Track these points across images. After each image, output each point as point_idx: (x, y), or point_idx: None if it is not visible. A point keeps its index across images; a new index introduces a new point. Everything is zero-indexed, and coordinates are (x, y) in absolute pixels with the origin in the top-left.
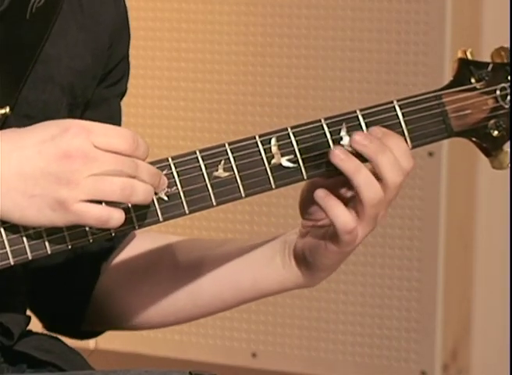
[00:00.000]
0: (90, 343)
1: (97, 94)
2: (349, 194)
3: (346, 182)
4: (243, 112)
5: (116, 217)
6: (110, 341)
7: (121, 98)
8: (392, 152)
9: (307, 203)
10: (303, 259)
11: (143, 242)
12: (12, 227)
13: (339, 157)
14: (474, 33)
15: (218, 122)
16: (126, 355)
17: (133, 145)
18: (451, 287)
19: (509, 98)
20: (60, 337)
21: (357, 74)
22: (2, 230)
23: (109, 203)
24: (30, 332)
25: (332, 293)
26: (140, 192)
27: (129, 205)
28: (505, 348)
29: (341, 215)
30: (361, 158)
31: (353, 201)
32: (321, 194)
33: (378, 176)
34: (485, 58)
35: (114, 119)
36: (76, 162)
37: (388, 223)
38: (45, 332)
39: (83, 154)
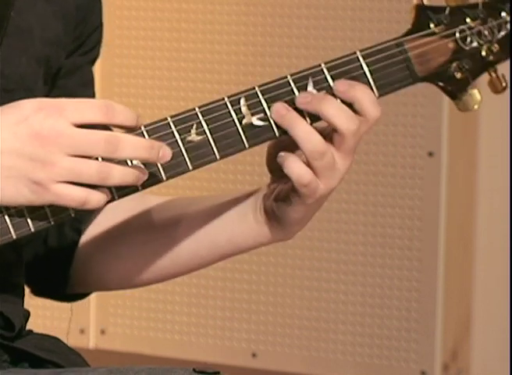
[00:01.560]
0: (91, 343)
1: (71, 62)
2: None
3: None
4: None
5: (95, 199)
6: (110, 341)
7: (93, 64)
8: (358, 101)
9: (273, 160)
10: (273, 214)
11: (120, 204)
12: None
13: (278, 113)
14: None
15: None
16: (126, 355)
17: (108, 113)
18: (451, 287)
19: (469, 39)
20: (58, 336)
21: None
22: None
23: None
24: (31, 332)
25: (332, 293)
26: (117, 175)
27: None
28: (505, 348)
29: (295, 169)
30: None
31: None
32: (281, 153)
33: (332, 126)
34: None
35: (87, 86)
36: (50, 142)
37: (388, 223)
38: (44, 331)
39: (56, 133)
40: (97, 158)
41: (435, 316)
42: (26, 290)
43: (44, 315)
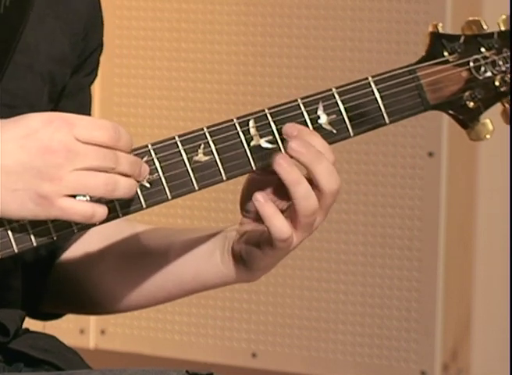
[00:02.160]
0: (90, 343)
1: (75, 82)
2: (287, 197)
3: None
4: (243, 112)
5: (100, 212)
6: (110, 341)
7: (91, 85)
8: (329, 159)
9: (247, 200)
10: (240, 258)
11: (98, 229)
12: None
13: (283, 166)
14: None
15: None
16: (125, 355)
17: (114, 137)
18: (451, 287)
19: (482, 69)
20: (58, 336)
21: (357, 74)
22: None
23: (92, 197)
24: (27, 330)
25: (332, 293)
26: (123, 187)
27: None
28: (505, 348)
29: (277, 223)
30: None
31: (289, 209)
32: (260, 198)
33: (314, 184)
34: None
35: (86, 108)
36: (58, 157)
37: (388, 223)
38: (43, 331)
39: (65, 148)
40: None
41: (435, 316)
42: None
43: None
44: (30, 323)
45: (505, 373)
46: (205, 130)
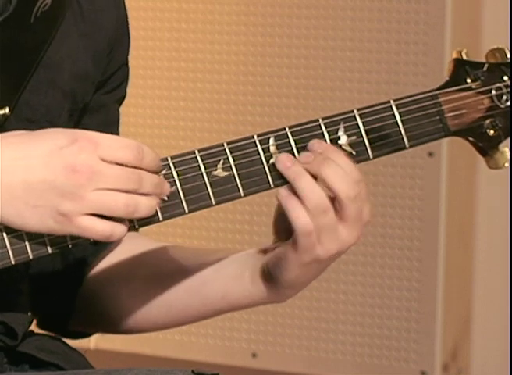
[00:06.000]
0: (91, 343)
1: (96, 99)
2: None
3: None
4: (243, 112)
5: (119, 232)
6: (110, 341)
7: (120, 104)
8: (338, 164)
9: (280, 222)
10: (268, 275)
11: (125, 247)
12: None
13: (284, 164)
14: (474, 34)
15: (218, 122)
16: (126, 355)
17: (138, 157)
18: (451, 287)
19: (504, 97)
20: (62, 337)
21: (357, 74)
22: None
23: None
24: (33, 333)
25: (332, 293)
26: (143, 208)
27: None
28: (505, 348)
29: (301, 216)
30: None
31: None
32: (284, 193)
33: (331, 192)
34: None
35: (111, 125)
36: (82, 177)
37: (388, 223)
38: (47, 333)
39: (89, 169)
40: None
41: (435, 316)
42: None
43: None
44: (34, 325)
45: (505, 373)
46: (225, 145)
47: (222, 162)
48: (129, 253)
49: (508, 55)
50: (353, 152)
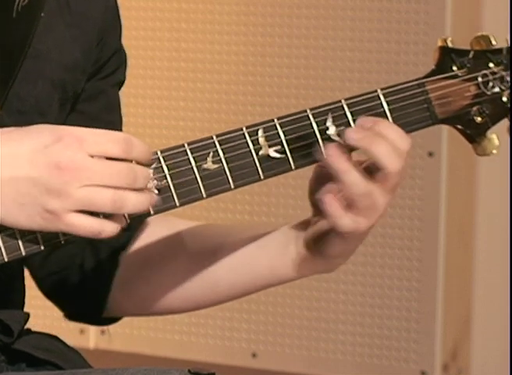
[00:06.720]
0: (91, 343)
1: (93, 86)
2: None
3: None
4: (243, 112)
5: (108, 229)
6: (110, 341)
7: (119, 88)
8: (387, 139)
9: (314, 192)
10: (314, 247)
11: (159, 229)
12: None
13: (331, 157)
14: (474, 33)
15: (218, 122)
16: (125, 355)
17: (126, 149)
18: (451, 287)
19: (491, 84)
20: (59, 336)
21: (357, 74)
22: None
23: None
24: (29, 331)
25: (332, 293)
26: (132, 203)
27: None
28: (505, 348)
29: (344, 222)
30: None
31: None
32: (325, 199)
33: (377, 167)
34: None
35: (113, 109)
36: (67, 174)
37: (388, 223)
38: (44, 331)
39: (74, 166)
40: None
41: (435, 316)
42: (26, 292)
43: (44, 315)
44: (31, 323)
45: (505, 373)
46: (215, 138)
47: (211, 154)
48: (162, 233)
49: (494, 42)
50: (342, 142)
